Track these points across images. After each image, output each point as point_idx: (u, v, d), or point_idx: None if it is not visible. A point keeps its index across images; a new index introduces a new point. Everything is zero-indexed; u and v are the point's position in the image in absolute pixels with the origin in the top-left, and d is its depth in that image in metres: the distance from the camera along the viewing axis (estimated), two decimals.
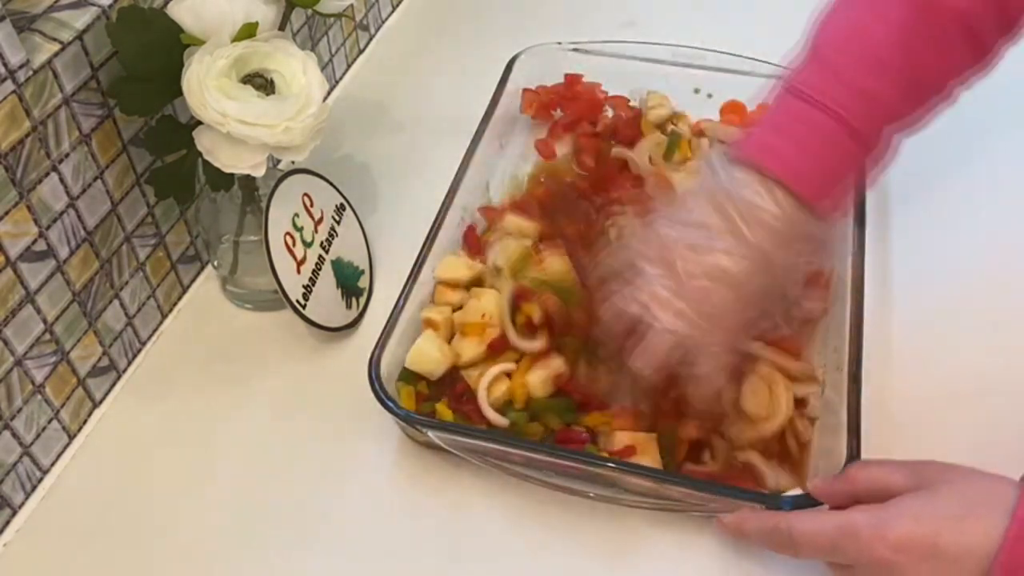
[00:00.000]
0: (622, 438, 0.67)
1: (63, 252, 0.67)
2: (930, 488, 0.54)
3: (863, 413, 0.64)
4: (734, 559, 0.65)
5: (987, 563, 0.50)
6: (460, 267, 0.77)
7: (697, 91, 0.93)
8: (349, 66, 1.07)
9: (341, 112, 0.95)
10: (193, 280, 0.84)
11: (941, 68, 0.64)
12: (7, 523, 0.68)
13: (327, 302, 0.78)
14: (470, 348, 0.72)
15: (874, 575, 0.55)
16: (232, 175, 0.74)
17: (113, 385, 0.76)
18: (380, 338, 0.69)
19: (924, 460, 0.57)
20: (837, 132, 0.62)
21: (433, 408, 0.70)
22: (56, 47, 0.63)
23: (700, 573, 0.65)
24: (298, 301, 0.74)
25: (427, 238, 0.77)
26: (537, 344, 0.71)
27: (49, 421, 0.70)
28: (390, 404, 0.66)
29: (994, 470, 0.55)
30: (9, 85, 0.59)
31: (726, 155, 0.65)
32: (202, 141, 0.67)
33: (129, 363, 0.78)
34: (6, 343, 0.64)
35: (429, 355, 0.71)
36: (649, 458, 0.66)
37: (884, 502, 0.55)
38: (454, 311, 0.75)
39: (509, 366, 0.71)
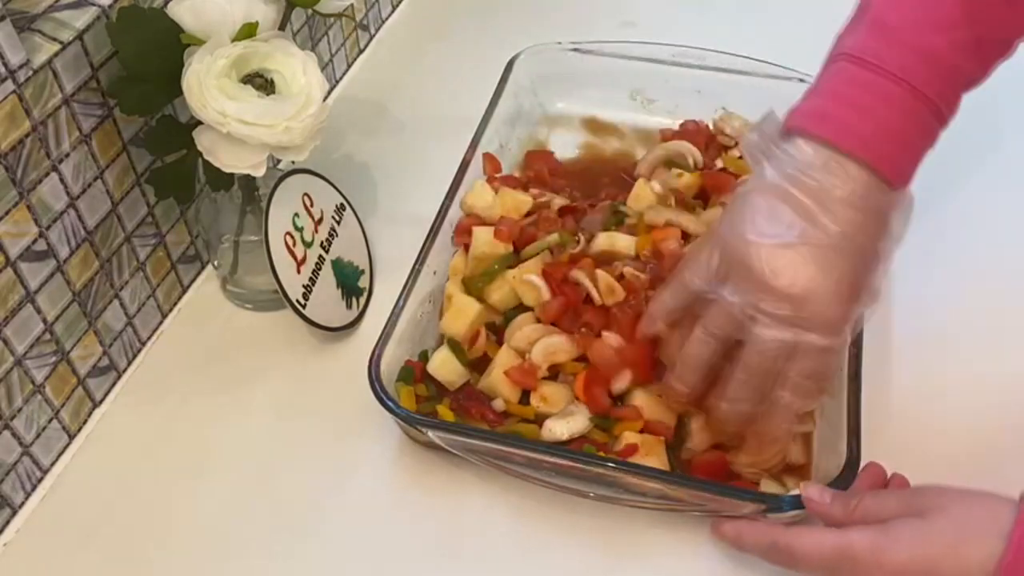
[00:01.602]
0: (626, 436, 0.67)
1: (63, 252, 0.67)
2: (925, 515, 0.54)
3: (863, 414, 0.64)
4: (735, 560, 0.65)
5: None
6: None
7: (699, 92, 0.93)
8: (349, 66, 1.07)
9: (341, 112, 0.95)
10: (193, 280, 0.84)
11: (1009, 22, 0.59)
12: (7, 523, 0.68)
13: (327, 302, 0.77)
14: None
15: None
16: (232, 175, 0.74)
17: (113, 385, 0.76)
18: (380, 338, 0.69)
19: (917, 487, 0.57)
20: (908, 101, 0.58)
21: (433, 408, 0.70)
22: (56, 47, 0.63)
23: (700, 573, 0.65)
24: (298, 301, 0.74)
25: (427, 238, 0.77)
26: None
27: (49, 421, 0.70)
28: (390, 404, 0.66)
29: (994, 470, 0.56)
30: (9, 85, 0.59)
31: (778, 133, 0.60)
32: (202, 141, 0.67)
33: (129, 363, 0.78)
34: (6, 343, 0.64)
35: (454, 367, 0.72)
36: (655, 459, 0.66)
37: (880, 523, 0.55)
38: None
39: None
